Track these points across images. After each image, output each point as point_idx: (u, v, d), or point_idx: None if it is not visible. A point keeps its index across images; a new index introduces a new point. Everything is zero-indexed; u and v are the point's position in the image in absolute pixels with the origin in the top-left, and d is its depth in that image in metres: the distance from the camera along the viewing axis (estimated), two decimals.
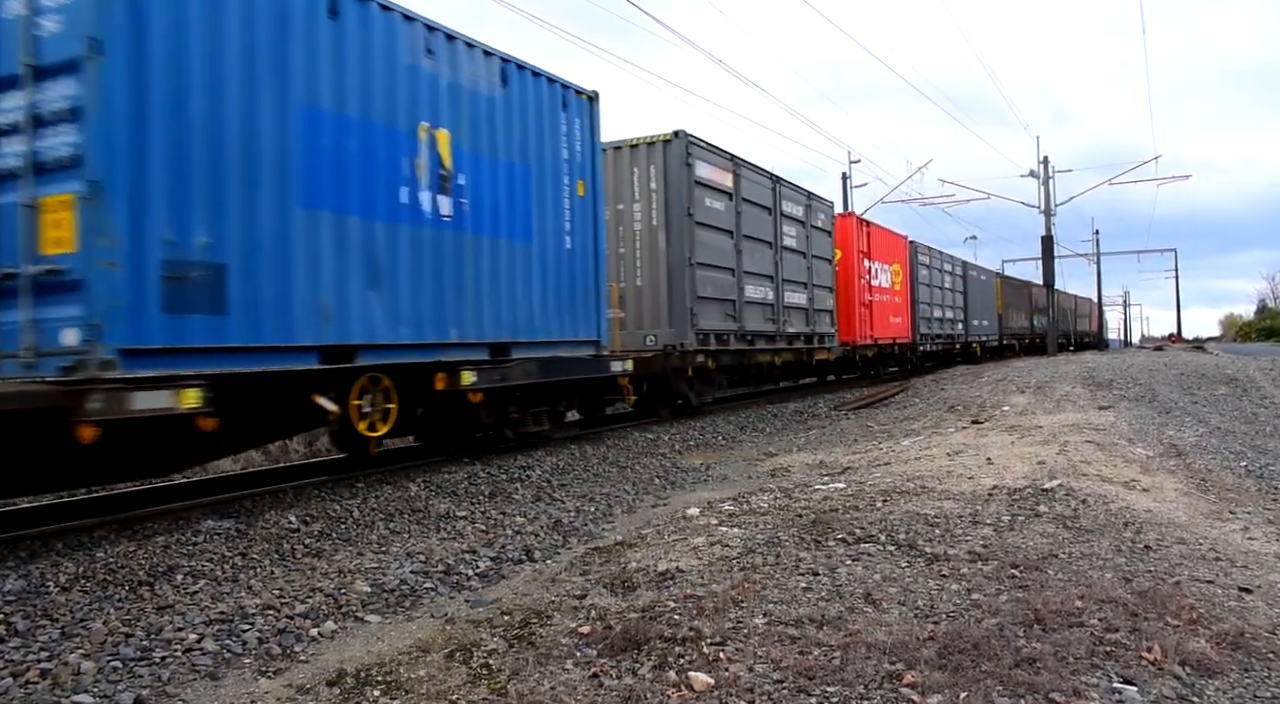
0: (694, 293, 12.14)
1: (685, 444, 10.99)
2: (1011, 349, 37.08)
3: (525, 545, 5.78)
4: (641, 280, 12.22)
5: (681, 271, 12.05)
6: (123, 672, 3.60)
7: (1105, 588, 4.17)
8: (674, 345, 11.90)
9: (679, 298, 12.01)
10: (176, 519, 6.05)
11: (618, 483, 8.21)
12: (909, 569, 4.59)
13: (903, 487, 6.93)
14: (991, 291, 33.71)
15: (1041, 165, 35.26)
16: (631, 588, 4.50)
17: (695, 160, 12.38)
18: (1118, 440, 9.36)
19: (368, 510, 6.48)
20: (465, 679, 3.43)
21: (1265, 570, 4.77)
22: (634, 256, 12.32)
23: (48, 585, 4.57)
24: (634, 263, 12.31)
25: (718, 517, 6.19)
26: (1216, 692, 3.12)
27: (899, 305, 22.63)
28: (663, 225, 12.12)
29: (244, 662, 3.78)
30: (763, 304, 14.58)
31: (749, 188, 14.24)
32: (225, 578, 4.85)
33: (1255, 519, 6.34)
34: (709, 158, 12.90)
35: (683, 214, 12.09)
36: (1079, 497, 6.28)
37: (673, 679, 3.27)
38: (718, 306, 12.95)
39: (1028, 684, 3.11)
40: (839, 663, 3.34)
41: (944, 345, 27.35)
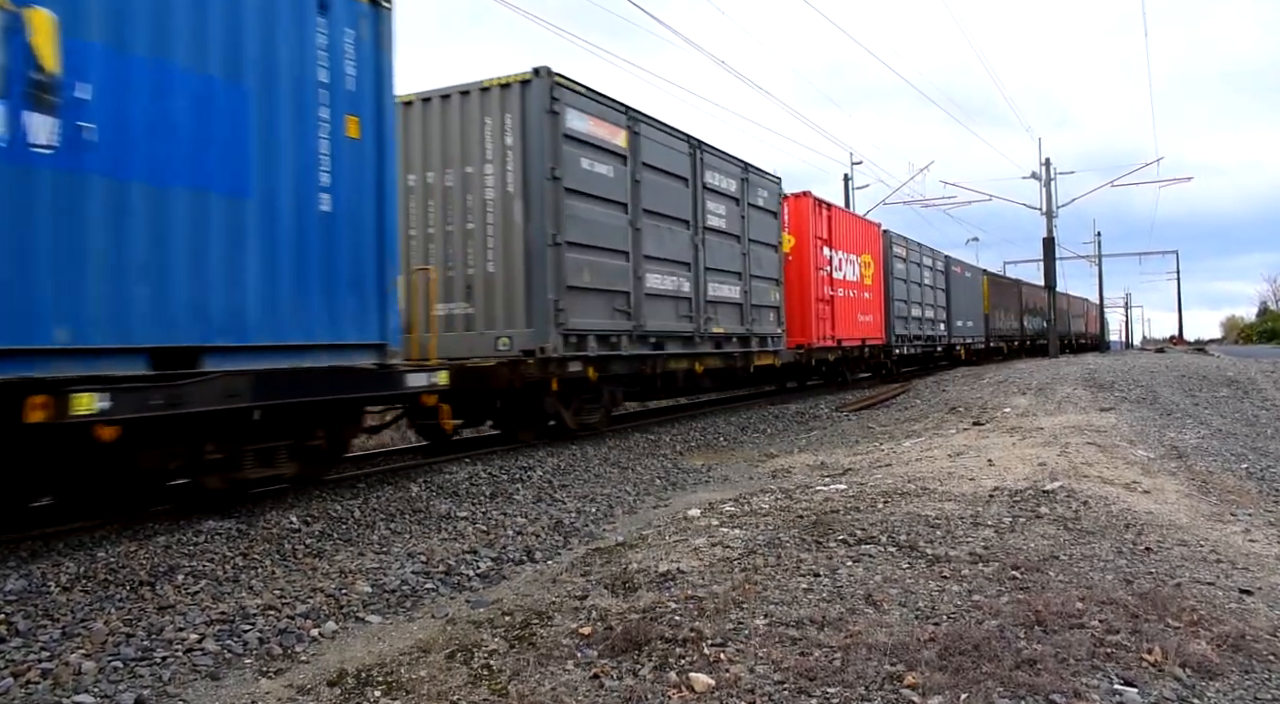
0: (560, 281, 9.23)
1: (686, 445, 10.99)
2: (999, 352, 35.03)
3: (526, 546, 5.79)
4: (495, 265, 9.29)
5: (542, 253, 9.06)
6: (123, 672, 3.60)
7: (1106, 589, 4.17)
8: (533, 350, 9.01)
9: (538, 288, 9.06)
10: (177, 519, 6.06)
11: (619, 484, 8.21)
12: (910, 570, 4.58)
13: (904, 488, 6.93)
14: (978, 290, 31.72)
15: (1043, 167, 35.27)
16: (632, 589, 4.50)
17: (566, 108, 9.37)
18: (1119, 442, 9.36)
19: (369, 511, 6.49)
20: (466, 680, 3.43)
21: (1266, 572, 4.77)
22: (484, 234, 9.38)
23: (49, 585, 4.58)
24: (484, 243, 9.38)
25: (719, 518, 6.19)
26: (1217, 693, 3.12)
27: (869, 302, 20.04)
28: (519, 193, 9.16)
29: (245, 662, 3.78)
30: (675, 298, 11.58)
31: (653, 151, 11.16)
32: (226, 578, 4.86)
33: (1256, 521, 6.33)
34: (587, 107, 9.81)
35: (545, 178, 9.08)
36: (1080, 498, 6.28)
37: (673, 680, 3.27)
38: (601, 300, 10.01)
39: (1028, 685, 3.11)
40: (840, 664, 3.34)
41: (924, 347, 24.90)
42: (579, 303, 9.58)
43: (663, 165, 11.42)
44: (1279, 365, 22.70)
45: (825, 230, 17.43)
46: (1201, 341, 78.87)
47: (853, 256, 18.95)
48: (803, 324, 16.33)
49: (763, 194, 14.55)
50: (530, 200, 9.15)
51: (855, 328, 18.97)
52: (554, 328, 9.12)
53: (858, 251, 19.35)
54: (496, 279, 9.30)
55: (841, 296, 18.10)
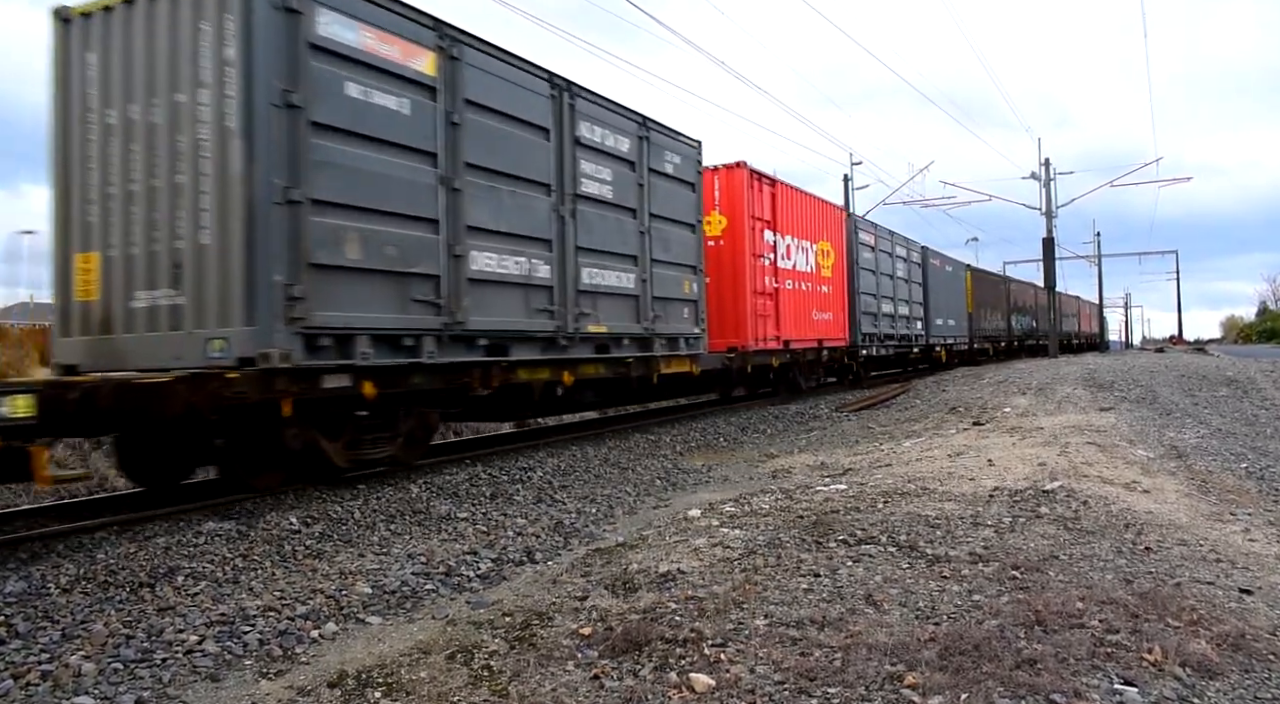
0: (297, 257, 6.28)
1: (687, 445, 10.99)
2: (985, 353, 32.60)
3: (526, 547, 5.79)
4: (209, 235, 6.31)
5: (267, 216, 6.12)
6: (123, 673, 3.60)
7: (1106, 589, 4.17)
8: (253, 357, 6.05)
9: (261, 266, 6.10)
10: (177, 521, 6.06)
11: (619, 484, 8.21)
12: (910, 570, 4.58)
13: (904, 488, 6.93)
14: (961, 286, 29.18)
15: (1043, 167, 35.29)
16: (633, 589, 4.50)
17: (317, 9, 6.50)
18: (1119, 442, 9.36)
19: (369, 512, 6.49)
20: (466, 681, 3.43)
21: (1266, 572, 4.77)
22: (196, 190, 6.34)
23: (48, 587, 4.58)
24: (196, 202, 6.35)
25: (719, 518, 6.19)
26: (1217, 693, 3.12)
27: (828, 297, 17.29)
28: (241, 129, 6.17)
29: (245, 663, 3.78)
30: (525, 286, 8.53)
31: (486, 86, 8.17)
32: (226, 579, 4.86)
33: (1256, 521, 6.33)
34: (361, 10, 6.90)
35: (273, 105, 6.18)
36: (1080, 498, 6.28)
37: (674, 680, 3.27)
38: (385, 286, 7.01)
39: (1029, 685, 3.11)
40: (840, 664, 3.34)
41: (898, 349, 22.39)
42: (339, 289, 6.60)
43: (503, 107, 8.36)
44: (1278, 365, 22.71)
45: (767, 210, 14.66)
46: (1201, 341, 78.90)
47: (806, 243, 16.17)
48: (736, 322, 13.68)
49: (673, 160, 11.37)
50: (254, 139, 6.14)
51: (808, 327, 16.27)
52: (284, 324, 6.17)
53: (813, 238, 16.61)
54: (210, 254, 6.28)
55: (790, 290, 15.38)
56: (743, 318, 13.86)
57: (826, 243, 17.46)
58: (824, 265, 17.27)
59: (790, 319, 15.45)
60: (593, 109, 9.81)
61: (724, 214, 13.87)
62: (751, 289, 13.99)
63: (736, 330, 13.79)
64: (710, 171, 13.58)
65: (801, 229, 16.14)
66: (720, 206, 13.85)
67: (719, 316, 13.47)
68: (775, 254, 14.93)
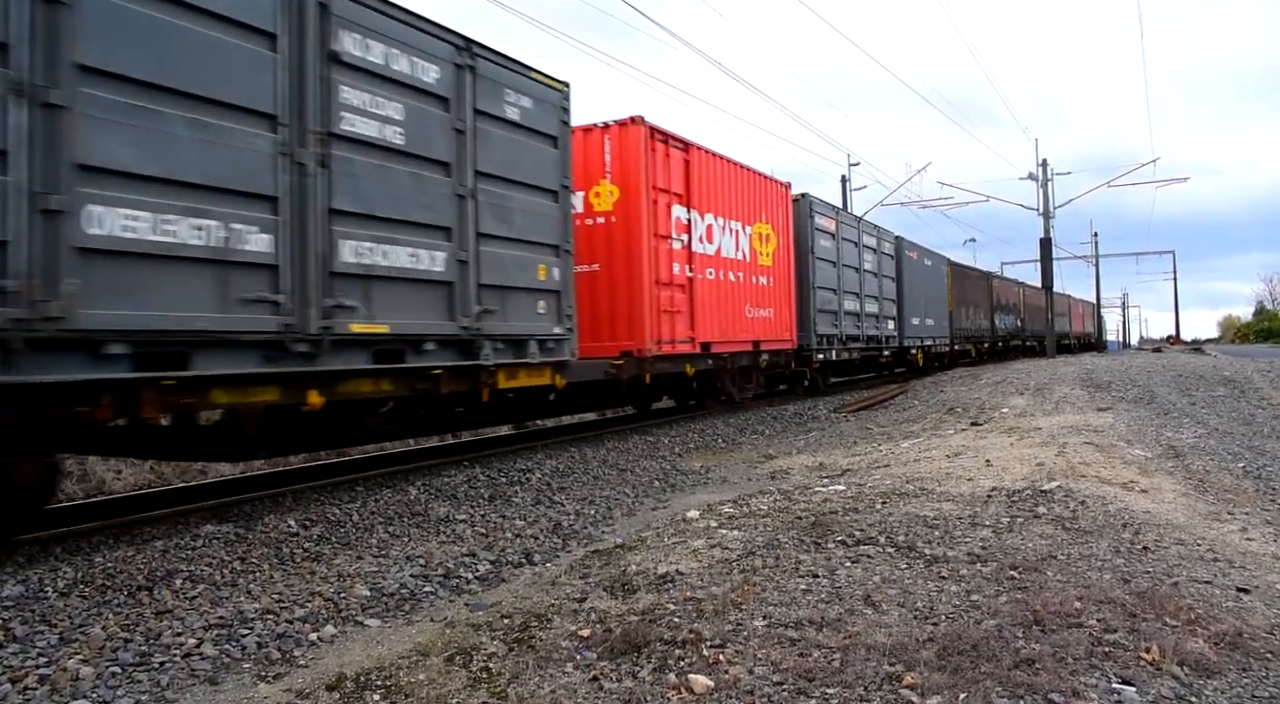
0: None
1: (685, 446, 10.99)
2: (966, 356, 30.47)
3: (525, 548, 5.79)
4: None
5: None
6: (121, 677, 3.60)
7: (1104, 589, 4.17)
8: None
9: None
10: (175, 524, 6.05)
11: (617, 485, 8.21)
12: (908, 571, 4.59)
13: (902, 488, 6.93)
14: (941, 282, 26.79)
15: (1040, 167, 35.34)
16: (631, 591, 4.50)
17: None
18: (1116, 442, 9.37)
19: (367, 514, 6.49)
20: (465, 683, 3.43)
21: (1263, 571, 4.78)
22: None
23: (46, 591, 4.57)
24: None
25: (717, 519, 6.19)
26: (1215, 692, 3.13)
27: (769, 291, 14.49)
28: None
29: (243, 666, 3.77)
30: (217, 263, 5.51)
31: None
32: (224, 582, 4.85)
33: (1253, 520, 6.34)
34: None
35: None
36: (1078, 498, 6.29)
37: (672, 682, 3.27)
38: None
39: (1027, 685, 3.11)
40: (839, 665, 3.35)
41: (865, 351, 19.41)
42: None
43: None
44: (1275, 364, 22.75)
45: (678, 181, 11.73)
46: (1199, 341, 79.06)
47: (736, 225, 13.38)
48: (630, 321, 10.73)
49: (519, 103, 8.22)
50: None
51: (739, 325, 13.41)
52: None
53: (746, 218, 13.83)
54: None
55: (711, 280, 12.51)
56: (639, 314, 10.76)
57: (766, 226, 14.46)
58: (763, 252, 14.30)
59: (711, 316, 12.46)
60: (367, 16, 6.60)
61: (616, 184, 10.82)
62: (652, 278, 10.95)
63: (631, 330, 10.77)
64: (599, 130, 10.91)
65: (730, 207, 13.21)
66: (612, 174, 10.84)
67: (609, 313, 10.80)
68: (690, 236, 11.87)
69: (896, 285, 21.99)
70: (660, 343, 11.14)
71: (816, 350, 16.54)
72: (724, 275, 13.05)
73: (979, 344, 32.31)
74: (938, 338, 25.99)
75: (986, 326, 33.49)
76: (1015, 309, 38.64)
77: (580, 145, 10.63)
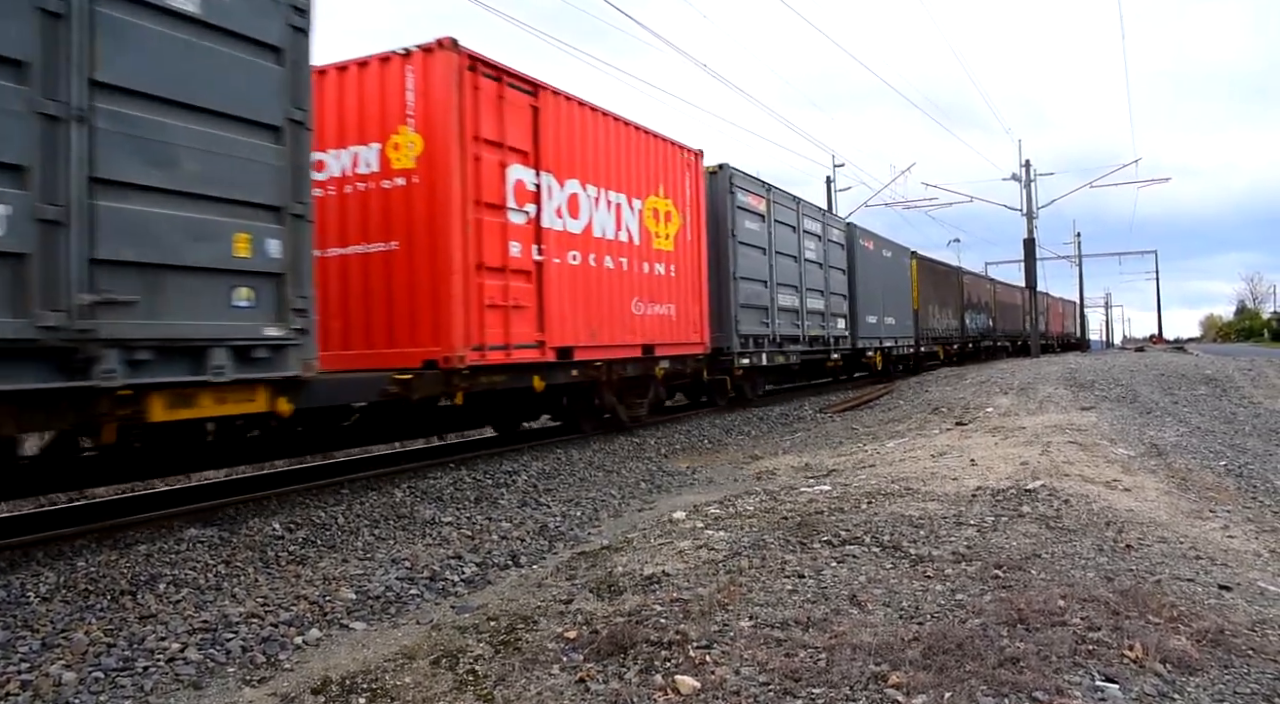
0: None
1: (671, 448, 11.00)
2: (934, 358, 27.93)
3: (511, 550, 5.78)
4: None
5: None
6: (105, 682, 3.57)
7: (1087, 587, 4.20)
8: None
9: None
10: (159, 527, 6.01)
11: (604, 487, 8.21)
12: (894, 570, 4.61)
13: (887, 488, 6.96)
14: (904, 277, 24.53)
15: (1023, 168, 35.56)
16: (618, 592, 4.50)
17: None
18: (1100, 441, 9.44)
19: (352, 517, 6.46)
20: (451, 686, 3.43)
21: (1244, 568, 4.83)
22: None
23: (28, 596, 4.53)
24: None
25: (704, 520, 6.20)
26: (1197, 688, 3.15)
27: (667, 282, 11.53)
28: None
29: (228, 671, 3.75)
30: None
31: None
32: (209, 586, 4.82)
33: (1235, 517, 6.40)
34: None
35: None
36: (1061, 497, 6.33)
37: (659, 683, 3.27)
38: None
39: (1011, 684, 3.13)
40: (825, 664, 3.36)
41: (807, 354, 16.74)
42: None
43: None
44: (1256, 363, 22.98)
45: (520, 134, 8.76)
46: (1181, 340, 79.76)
47: (617, 197, 10.44)
48: (435, 317, 7.87)
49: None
50: None
51: (623, 326, 10.51)
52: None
53: (635, 190, 10.82)
54: None
55: (574, 267, 9.53)
56: (445, 310, 7.78)
57: (665, 201, 11.58)
58: (660, 234, 11.43)
59: (574, 313, 9.52)
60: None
61: (421, 132, 7.90)
62: (469, 261, 7.95)
63: (435, 331, 7.83)
64: (398, 58, 8.02)
65: (607, 174, 10.26)
66: (416, 119, 7.94)
67: (409, 309, 7.95)
68: (540, 207, 8.95)
69: (848, 279, 19.46)
70: (484, 349, 8.06)
71: (740, 354, 13.84)
72: (596, 261, 10.00)
73: (948, 345, 29.68)
74: (901, 338, 23.56)
75: (956, 326, 30.93)
76: (986, 308, 36.33)
77: (376, 80, 8.10)
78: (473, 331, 8.01)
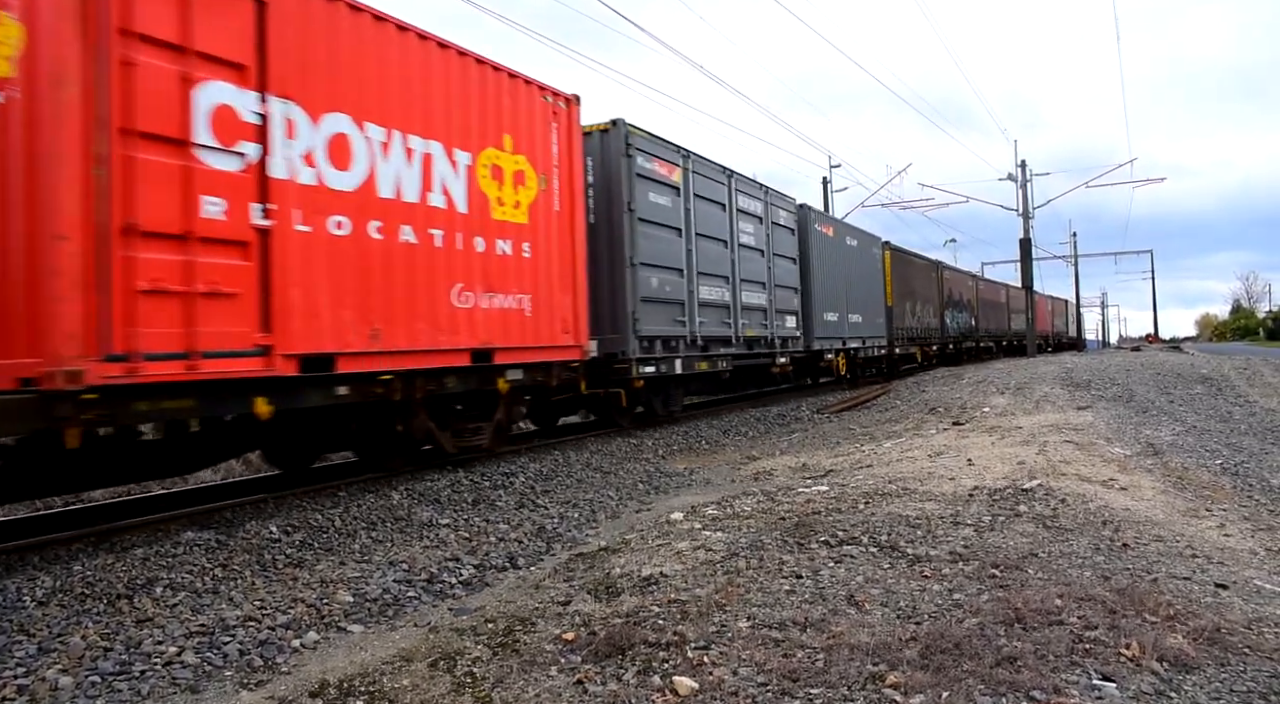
0: None
1: (669, 449, 11.00)
2: (910, 359, 25.72)
3: (509, 552, 5.77)
4: None
5: None
6: (101, 686, 3.56)
7: (1084, 586, 4.21)
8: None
9: None
10: (155, 531, 6.00)
11: (601, 488, 8.21)
12: (891, 570, 4.61)
13: (885, 488, 6.97)
14: (875, 270, 21.97)
15: (1019, 169, 35.61)
16: (615, 593, 4.50)
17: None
18: (1096, 440, 9.45)
19: (349, 519, 6.45)
20: (449, 688, 3.42)
21: (1241, 566, 4.84)
22: None
23: (24, 600, 4.52)
24: None
25: (701, 521, 6.20)
26: (1194, 686, 3.16)
27: (522, 265, 8.80)
28: None
29: (225, 674, 3.75)
30: None
31: None
32: (205, 590, 4.81)
33: (1231, 516, 6.42)
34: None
35: None
36: (1058, 496, 6.34)
37: (657, 684, 3.27)
38: None
39: (1009, 683, 3.13)
40: (823, 665, 3.36)
41: (742, 358, 14.09)
42: None
43: None
44: (1252, 362, 23.03)
45: (228, 39, 5.96)
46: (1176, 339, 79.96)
47: (429, 146, 7.68)
48: (31, 311, 4.96)
49: None
50: None
51: (432, 323, 7.61)
52: None
53: (452, 137, 7.96)
54: None
55: (330, 237, 6.68)
56: (51, 294, 4.95)
57: (514, 158, 8.71)
58: (504, 201, 8.57)
59: (338, 304, 6.70)
60: None
61: (23, 21, 5.16)
62: (108, 221, 5.15)
63: (32, 332, 5.00)
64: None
65: (403, 111, 7.44)
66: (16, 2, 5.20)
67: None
68: (268, 149, 6.17)
69: (801, 269, 16.82)
70: (134, 359, 5.21)
71: (642, 360, 11.00)
72: (385, 232, 7.16)
73: (926, 346, 26.94)
74: (870, 339, 20.96)
75: (935, 326, 28.12)
76: (968, 306, 33.80)
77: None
78: (110, 332, 5.10)
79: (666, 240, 11.88)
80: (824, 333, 17.82)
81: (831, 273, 18.46)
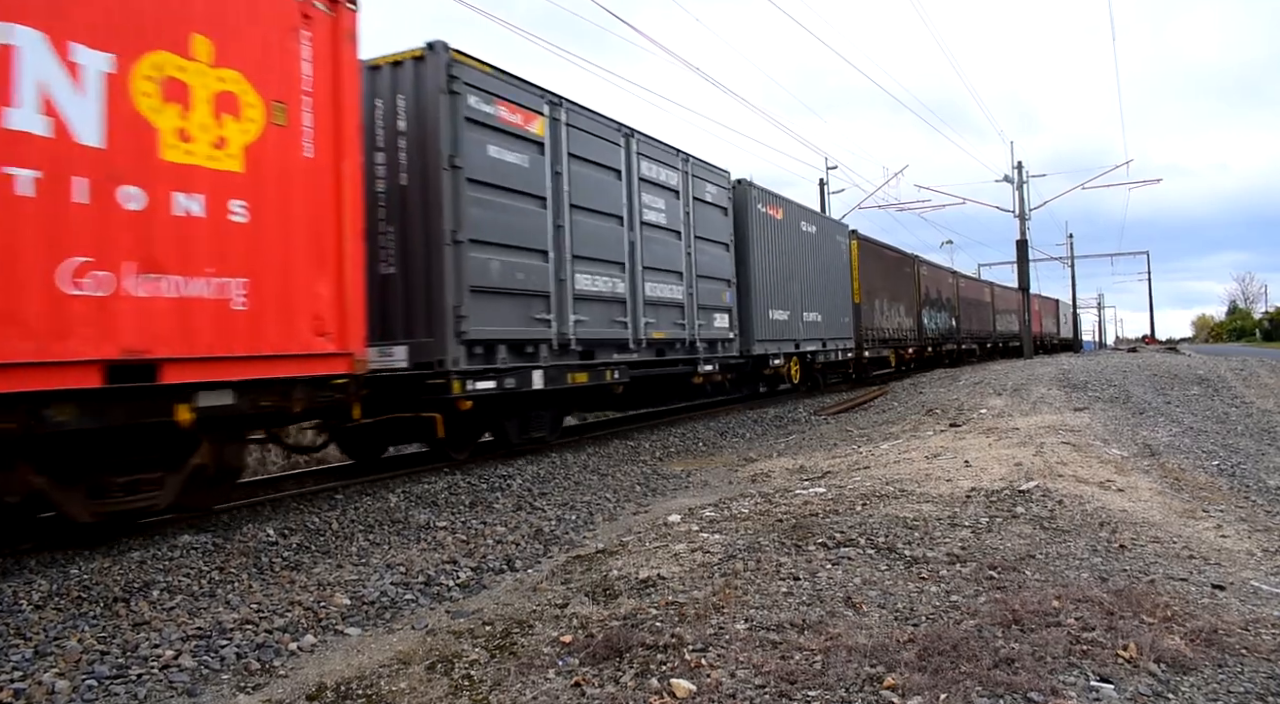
0: None
1: (666, 451, 11.00)
2: (883, 363, 23.31)
3: (506, 555, 5.77)
4: None
5: None
6: (98, 690, 3.55)
7: (1081, 587, 4.21)
8: None
9: None
10: (152, 534, 5.99)
11: (599, 490, 8.20)
12: (889, 572, 4.61)
13: (882, 490, 6.97)
14: (841, 262, 19.45)
15: (1015, 170, 35.65)
16: (613, 596, 4.50)
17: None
18: (1093, 441, 9.46)
19: (347, 522, 6.44)
20: (447, 691, 3.42)
21: (1237, 567, 4.84)
22: None
23: (20, 604, 4.51)
24: None
25: (699, 523, 6.20)
26: (1191, 688, 3.17)
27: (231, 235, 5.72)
28: None
29: (222, 678, 3.74)
30: None
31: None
32: (202, 593, 4.81)
33: (1228, 517, 6.43)
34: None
35: None
36: (1055, 497, 6.35)
37: (655, 686, 3.27)
38: None
39: (1006, 684, 3.13)
40: (820, 667, 3.36)
41: (650, 368, 11.59)
42: None
43: None
44: (1248, 363, 23.07)
45: None
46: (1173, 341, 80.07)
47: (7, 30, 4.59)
48: None
49: None
50: None
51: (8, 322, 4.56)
52: None
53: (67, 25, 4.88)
54: None
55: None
56: None
57: (219, 73, 5.75)
58: (187, 134, 5.53)
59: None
60: None
61: None
62: None
63: None
64: None
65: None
66: None
67: None
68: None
69: (737, 257, 14.30)
70: None
71: (472, 373, 8.32)
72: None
73: (901, 349, 24.25)
74: (833, 341, 18.41)
75: (911, 326, 25.27)
76: (948, 305, 30.93)
77: None
78: None
79: (519, 211, 9.04)
80: (769, 334, 15.23)
81: (780, 263, 15.78)
